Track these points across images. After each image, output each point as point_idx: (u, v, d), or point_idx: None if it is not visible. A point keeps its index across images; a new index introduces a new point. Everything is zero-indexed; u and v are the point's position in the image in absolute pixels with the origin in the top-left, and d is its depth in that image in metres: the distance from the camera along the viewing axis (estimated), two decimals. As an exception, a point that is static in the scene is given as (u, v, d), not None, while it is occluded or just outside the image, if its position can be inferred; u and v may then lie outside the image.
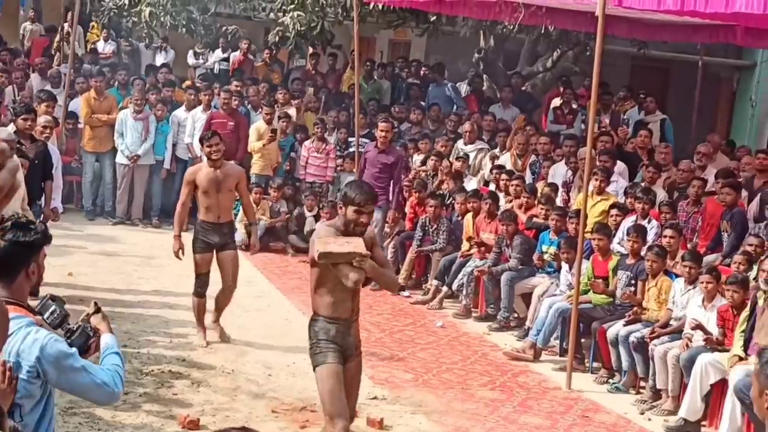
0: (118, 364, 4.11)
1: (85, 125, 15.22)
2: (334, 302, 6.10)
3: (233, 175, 9.54)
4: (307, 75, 18.36)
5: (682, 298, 9.11)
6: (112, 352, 4.18)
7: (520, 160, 13.65)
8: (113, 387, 3.99)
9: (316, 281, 6.12)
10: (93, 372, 3.95)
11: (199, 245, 9.40)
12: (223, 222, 9.48)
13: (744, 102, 19.54)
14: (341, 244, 5.87)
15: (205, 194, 9.35)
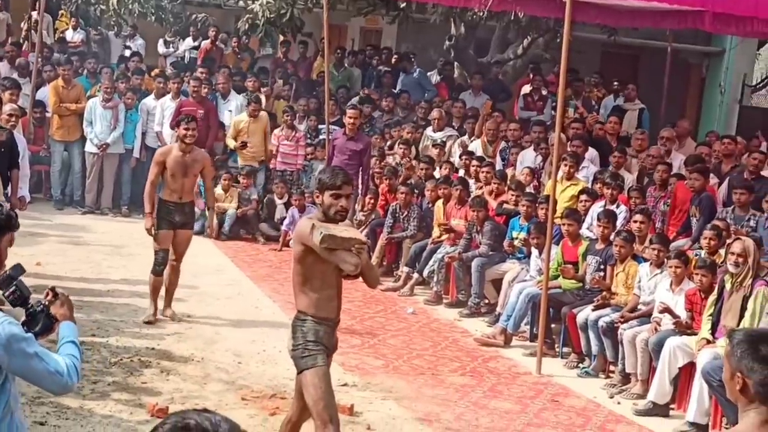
0: (74, 355, 3.97)
1: (54, 114, 15.09)
2: (321, 301, 5.78)
3: (200, 160, 9.83)
4: (278, 63, 18.29)
5: (649, 283, 9.16)
6: (68, 341, 4.04)
7: (490, 146, 13.67)
8: (67, 378, 3.87)
9: (303, 277, 5.78)
10: (46, 360, 3.84)
11: (162, 224, 9.68)
12: (185, 202, 9.80)
13: (713, 88, 19.65)
14: (341, 231, 5.65)
15: (172, 177, 9.64)
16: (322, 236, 5.46)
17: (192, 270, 11.63)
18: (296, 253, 5.77)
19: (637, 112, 14.78)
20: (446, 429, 7.54)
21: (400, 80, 17.23)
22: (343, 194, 5.75)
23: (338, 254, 5.59)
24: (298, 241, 5.73)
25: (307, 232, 5.59)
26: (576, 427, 7.86)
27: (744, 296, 8.00)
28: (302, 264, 5.73)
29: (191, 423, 2.01)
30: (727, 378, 3.58)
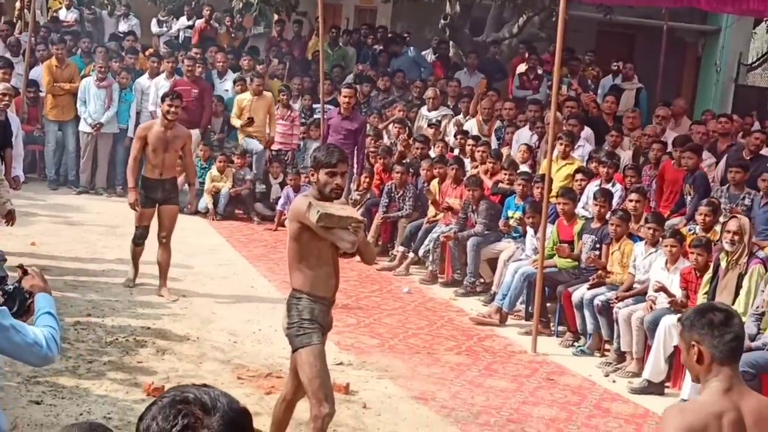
0: (51, 326, 3.93)
1: (47, 93, 15.04)
2: (317, 279, 5.72)
3: (181, 137, 9.90)
4: (272, 42, 18.23)
5: (644, 262, 9.16)
6: (44, 312, 3.99)
7: (485, 125, 13.65)
8: (46, 349, 3.82)
9: (298, 255, 5.71)
10: (23, 332, 3.79)
11: (142, 199, 9.79)
12: (166, 178, 9.85)
13: (709, 67, 19.63)
14: (337, 209, 5.59)
15: (153, 152, 9.71)
16: (318, 215, 5.42)
17: (187, 250, 11.64)
18: (292, 231, 5.73)
19: (635, 92, 14.77)
20: (442, 407, 7.55)
21: (394, 59, 17.18)
22: (338, 172, 5.70)
23: (335, 233, 5.55)
24: (294, 219, 5.68)
25: (303, 210, 5.55)
26: (571, 405, 7.87)
27: (739, 274, 8.02)
28: (298, 242, 5.69)
29: (190, 396, 2.00)
30: (684, 353, 3.70)
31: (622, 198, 10.54)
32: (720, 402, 3.56)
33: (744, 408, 3.57)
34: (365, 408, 7.37)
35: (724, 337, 3.58)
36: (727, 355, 3.58)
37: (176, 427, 1.95)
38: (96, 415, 6.72)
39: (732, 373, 3.60)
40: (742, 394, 3.61)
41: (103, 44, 16.63)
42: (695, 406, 3.75)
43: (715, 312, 3.64)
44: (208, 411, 1.98)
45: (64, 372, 7.56)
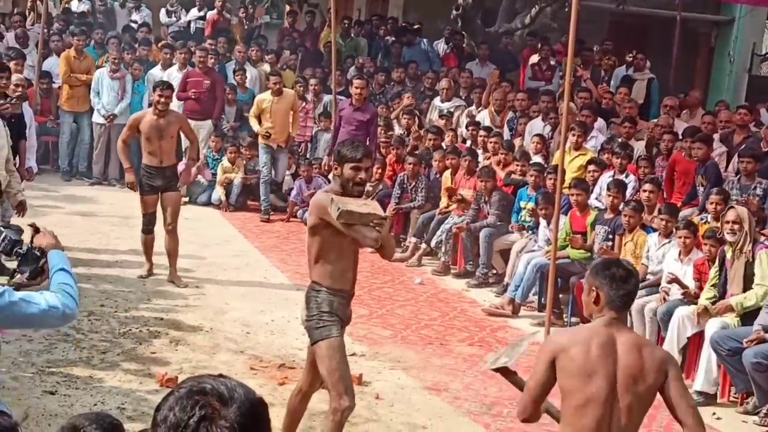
0: (65, 282, 3.88)
1: (64, 84, 15.07)
2: (336, 272, 5.74)
3: (175, 122, 10.07)
4: (284, 33, 18.23)
5: (657, 253, 9.14)
6: (58, 269, 3.95)
7: (498, 116, 13.63)
8: (63, 308, 3.78)
9: (318, 249, 5.71)
10: (34, 300, 3.76)
11: (144, 188, 9.99)
12: (166, 166, 9.96)
13: (722, 58, 19.52)
14: (359, 205, 5.56)
15: (147, 140, 9.85)
16: (339, 212, 5.40)
17: (200, 241, 11.68)
18: (313, 226, 5.72)
19: (646, 82, 14.71)
20: (454, 398, 7.56)
21: (406, 49, 17.14)
22: (363, 167, 5.72)
23: (357, 229, 5.55)
24: (316, 214, 5.66)
25: (325, 206, 5.54)
26: (584, 397, 7.86)
27: (746, 262, 7.99)
28: (318, 237, 5.69)
29: (207, 387, 2.00)
30: (585, 296, 4.39)
31: (635, 189, 10.51)
32: (595, 330, 4.28)
33: (619, 339, 4.23)
34: (378, 399, 7.39)
35: (619, 291, 4.27)
36: (619, 306, 4.30)
37: (193, 418, 1.95)
38: (110, 405, 6.75)
39: (617, 317, 4.30)
40: (620, 330, 4.30)
41: (116, 35, 16.63)
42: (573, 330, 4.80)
43: (618, 268, 4.34)
44: (225, 402, 1.98)
45: (78, 362, 7.60)
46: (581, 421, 4.26)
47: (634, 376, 4.20)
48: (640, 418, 4.32)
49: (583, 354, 4.22)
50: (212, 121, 14.78)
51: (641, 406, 4.29)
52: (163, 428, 1.97)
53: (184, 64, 15.15)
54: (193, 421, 1.95)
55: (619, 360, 4.20)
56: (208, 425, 1.94)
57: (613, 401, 4.21)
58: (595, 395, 4.20)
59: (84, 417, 3.21)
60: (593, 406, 4.20)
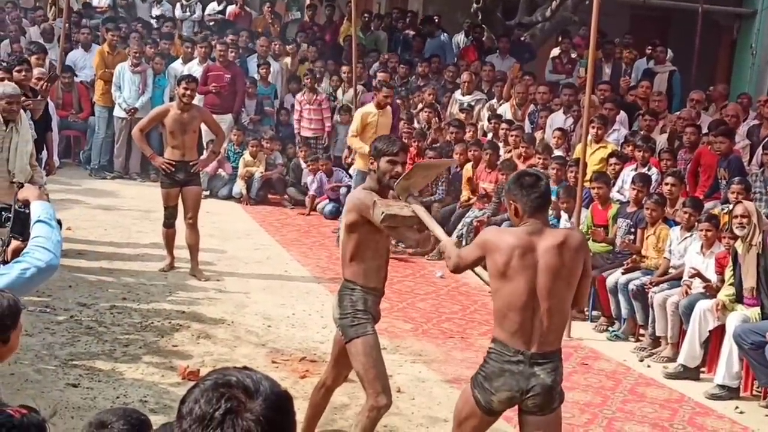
0: (38, 235, 3.80)
1: (98, 79, 15.13)
2: (371, 270, 5.75)
3: (198, 117, 10.07)
4: (304, 27, 18.23)
5: (679, 247, 9.10)
6: (36, 221, 3.86)
7: (519, 109, 13.59)
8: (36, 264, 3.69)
9: (355, 247, 5.69)
10: (6, 272, 3.70)
11: (165, 181, 10.01)
12: (188, 160, 9.97)
13: (744, 50, 19.38)
14: (401, 207, 5.54)
15: (171, 134, 9.91)
16: (383, 215, 5.42)
17: (221, 234, 11.71)
18: (351, 223, 5.71)
19: (667, 75, 14.65)
20: (476, 392, 7.54)
21: (427, 43, 17.12)
22: (399, 161, 5.73)
23: (400, 231, 5.62)
24: (357, 212, 5.63)
25: (368, 205, 5.53)
26: (606, 390, 7.85)
27: (757, 254, 7.94)
28: (357, 233, 5.68)
29: (233, 380, 2.00)
30: (509, 213, 4.85)
31: (657, 182, 10.47)
32: (518, 237, 4.71)
33: (540, 244, 4.69)
34: (399, 392, 7.38)
35: (531, 196, 4.72)
36: (533, 209, 4.74)
37: (219, 411, 1.95)
38: (132, 398, 6.78)
39: (537, 221, 4.75)
40: (541, 234, 4.72)
41: (137, 29, 16.68)
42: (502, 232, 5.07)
43: (526, 177, 4.84)
44: (250, 394, 1.98)
45: (100, 355, 7.63)
46: (506, 324, 4.74)
47: (554, 275, 4.67)
48: (561, 318, 4.78)
49: (504, 261, 4.67)
50: (233, 114, 14.80)
51: (562, 307, 4.78)
52: (188, 420, 1.97)
53: (204, 58, 15.19)
54: (219, 414, 1.94)
55: (539, 265, 4.67)
56: (233, 418, 1.94)
57: (534, 306, 4.68)
58: (516, 301, 4.68)
59: (111, 413, 3.22)
60: (515, 311, 4.69)
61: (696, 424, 7.33)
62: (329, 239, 12.44)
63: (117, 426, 3.11)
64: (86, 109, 15.55)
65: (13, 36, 15.82)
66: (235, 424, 1.94)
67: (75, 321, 8.38)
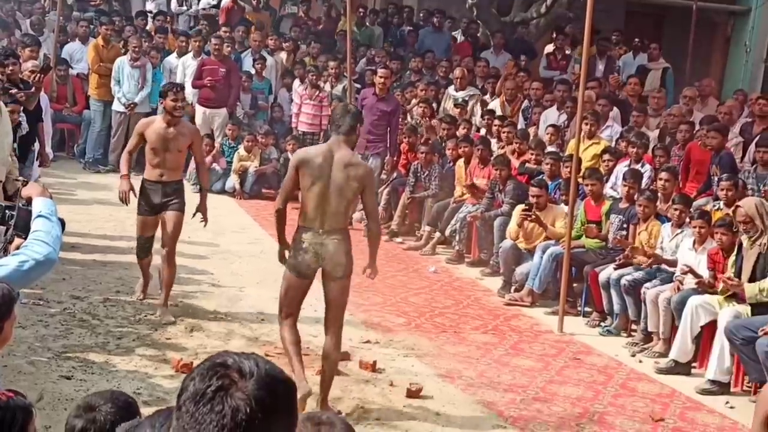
0: (37, 230, 3.82)
1: (93, 73, 15.12)
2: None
3: (186, 134, 8.65)
4: (299, 22, 18.23)
5: (670, 243, 9.14)
6: (37, 216, 3.89)
7: (509, 105, 13.62)
8: (35, 257, 3.71)
9: None
10: (4, 264, 3.72)
11: (142, 207, 8.67)
12: (167, 181, 8.57)
13: (738, 48, 19.43)
14: None
15: (152, 150, 8.53)
16: None
17: (215, 229, 11.68)
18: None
19: (660, 72, 14.68)
20: (468, 386, 7.58)
21: (421, 38, 17.13)
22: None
23: None
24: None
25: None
26: (598, 385, 7.89)
27: (759, 253, 7.96)
28: None
29: (229, 361, 2.05)
30: None
31: (650, 178, 10.50)
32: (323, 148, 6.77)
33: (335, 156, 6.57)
34: (392, 386, 7.41)
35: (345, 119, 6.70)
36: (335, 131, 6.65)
37: (211, 387, 2.00)
38: (125, 390, 6.74)
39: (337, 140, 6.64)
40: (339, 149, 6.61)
41: (131, 23, 16.66)
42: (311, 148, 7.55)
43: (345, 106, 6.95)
44: (244, 375, 2.02)
45: (93, 348, 7.65)
46: (308, 204, 6.67)
47: (340, 183, 6.57)
48: (342, 206, 6.66)
49: (312, 165, 6.60)
50: (228, 109, 14.81)
51: (346, 201, 6.68)
52: (184, 396, 2.04)
53: (198, 52, 15.18)
54: (210, 390, 2.00)
55: (333, 172, 6.57)
56: (223, 395, 1.99)
57: (327, 195, 6.59)
58: (317, 191, 6.59)
59: (99, 396, 3.25)
60: (314, 198, 6.61)
61: (687, 418, 7.37)
62: (323, 234, 12.45)
63: (105, 409, 3.14)
64: (80, 102, 15.54)
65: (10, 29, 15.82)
66: (224, 401, 1.99)
67: (68, 313, 8.39)
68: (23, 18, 16.92)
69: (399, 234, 12.46)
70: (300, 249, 6.77)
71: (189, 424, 2.01)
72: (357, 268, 6.86)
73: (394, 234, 12.42)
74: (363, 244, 7.03)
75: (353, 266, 6.80)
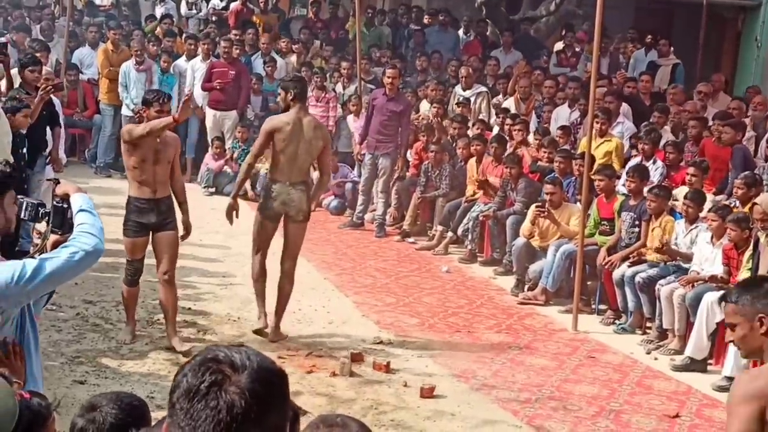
0: (83, 222, 3.88)
1: (103, 78, 15.14)
2: None
3: (173, 144, 7.99)
4: (308, 23, 18.23)
5: (684, 239, 9.08)
6: (78, 210, 3.96)
7: (523, 104, 13.57)
8: (84, 248, 3.76)
9: None
10: (54, 255, 3.77)
11: (130, 228, 7.89)
12: (160, 197, 7.85)
13: (749, 43, 19.33)
14: None
15: (142, 163, 7.74)
16: None
17: (227, 231, 11.65)
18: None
19: (671, 68, 14.62)
20: (483, 385, 7.55)
21: (429, 38, 17.10)
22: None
23: None
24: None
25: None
26: (613, 383, 7.84)
27: (775, 250, 7.91)
28: None
29: (220, 355, 2.04)
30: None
31: (662, 175, 10.44)
32: (291, 115, 8.06)
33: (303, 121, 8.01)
34: (406, 386, 7.38)
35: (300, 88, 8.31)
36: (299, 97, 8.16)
37: (204, 383, 2.00)
38: (139, 394, 6.65)
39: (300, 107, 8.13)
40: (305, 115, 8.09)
41: (139, 27, 16.67)
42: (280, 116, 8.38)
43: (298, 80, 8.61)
44: (236, 369, 2.02)
45: (106, 352, 7.65)
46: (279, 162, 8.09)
47: (308, 143, 8.01)
48: (308, 162, 8.27)
49: (285, 130, 8.01)
50: (237, 111, 14.80)
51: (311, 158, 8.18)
52: (176, 394, 2.03)
53: (207, 55, 15.16)
54: (204, 386, 2.00)
55: (303, 135, 7.98)
56: (217, 390, 1.99)
57: (297, 154, 8.04)
58: (289, 151, 8.02)
59: (104, 396, 3.24)
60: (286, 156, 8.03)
61: (704, 416, 7.32)
62: (335, 235, 12.45)
63: (106, 409, 3.13)
64: (91, 107, 15.55)
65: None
66: (218, 396, 1.98)
67: (81, 318, 8.39)
68: (33, 24, 16.96)
69: (411, 234, 12.42)
70: (270, 198, 8.32)
71: (184, 421, 2.01)
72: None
73: (406, 234, 12.38)
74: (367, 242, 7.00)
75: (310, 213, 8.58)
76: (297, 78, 8.61)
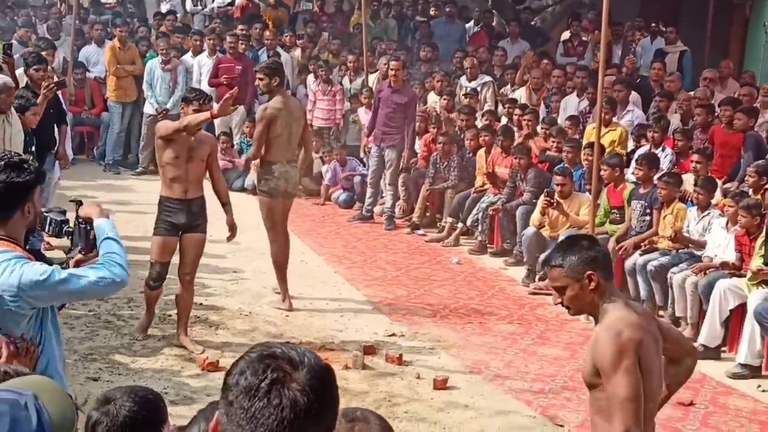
0: (111, 251, 3.95)
1: (111, 75, 15.12)
2: None
3: (207, 142, 7.92)
4: (313, 17, 18.19)
5: (697, 226, 9.05)
6: (105, 238, 4.02)
7: (535, 94, 13.53)
8: (113, 277, 3.86)
9: None
10: (83, 274, 3.85)
11: (162, 227, 7.79)
12: (192, 198, 7.77)
13: (757, 29, 19.24)
14: None
15: (175, 160, 7.65)
16: None
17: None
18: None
19: (678, 55, 14.56)
20: (496, 376, 7.54)
21: (434, 29, 17.05)
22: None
23: None
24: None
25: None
26: (626, 372, 7.80)
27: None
28: None
29: (277, 351, 2.04)
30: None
31: (672, 162, 10.40)
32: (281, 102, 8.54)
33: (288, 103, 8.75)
34: (419, 378, 7.38)
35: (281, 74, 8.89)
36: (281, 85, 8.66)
37: (265, 381, 1.98)
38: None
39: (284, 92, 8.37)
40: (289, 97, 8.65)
41: (145, 23, 16.64)
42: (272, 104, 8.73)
43: None
44: (295, 366, 2.01)
45: (119, 349, 7.66)
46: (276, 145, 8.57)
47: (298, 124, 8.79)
48: (297, 139, 8.84)
49: (281, 116, 8.31)
50: (245, 106, 14.78)
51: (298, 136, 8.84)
52: (234, 392, 2.01)
53: (213, 51, 15.14)
54: (266, 384, 1.98)
55: (293, 118, 8.66)
56: (280, 388, 1.98)
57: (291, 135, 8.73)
58: (286, 134, 8.41)
59: (119, 389, 3.24)
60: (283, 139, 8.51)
61: (719, 403, 7.30)
62: (344, 228, 12.44)
63: (120, 402, 3.12)
64: (98, 104, 15.55)
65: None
66: (281, 394, 1.98)
67: (93, 315, 8.40)
68: (40, 23, 16.96)
69: (421, 226, 12.40)
70: (272, 178, 8.85)
71: (244, 420, 1.99)
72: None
73: (416, 226, 12.36)
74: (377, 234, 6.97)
75: None
76: (276, 63, 9.37)
